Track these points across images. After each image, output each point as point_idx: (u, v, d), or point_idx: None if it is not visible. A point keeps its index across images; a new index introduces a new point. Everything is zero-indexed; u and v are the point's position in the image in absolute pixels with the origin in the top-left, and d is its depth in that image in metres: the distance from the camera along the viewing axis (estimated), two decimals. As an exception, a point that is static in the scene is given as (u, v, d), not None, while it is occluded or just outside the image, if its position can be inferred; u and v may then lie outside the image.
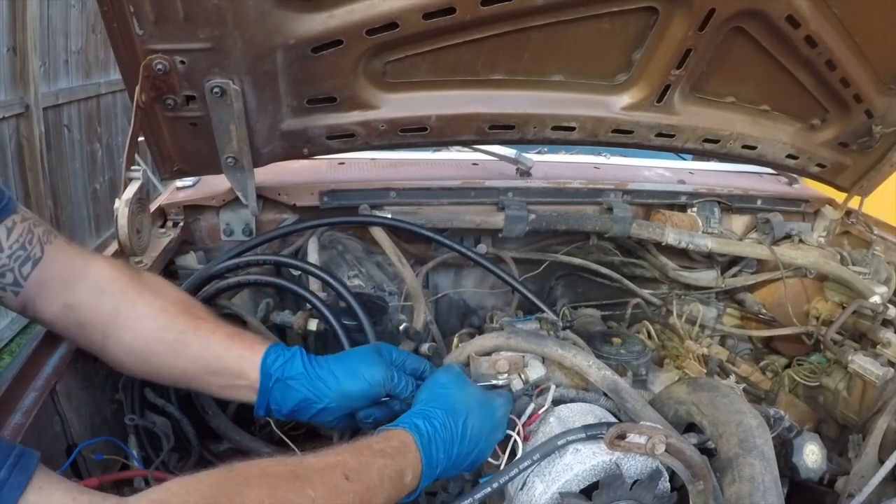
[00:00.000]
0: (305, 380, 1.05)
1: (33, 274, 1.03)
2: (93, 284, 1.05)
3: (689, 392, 1.09)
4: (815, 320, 1.90)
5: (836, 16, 1.44)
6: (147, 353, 1.05)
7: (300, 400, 1.06)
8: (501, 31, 1.37)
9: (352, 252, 1.75)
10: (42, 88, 4.49)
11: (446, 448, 0.97)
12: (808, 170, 1.94)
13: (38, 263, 1.03)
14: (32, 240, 1.03)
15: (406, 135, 1.55)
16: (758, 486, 0.91)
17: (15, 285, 1.02)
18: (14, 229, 1.01)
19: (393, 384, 1.08)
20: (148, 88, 1.24)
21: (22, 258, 1.01)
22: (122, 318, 1.04)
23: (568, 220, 1.80)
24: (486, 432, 1.01)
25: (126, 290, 1.06)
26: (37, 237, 1.04)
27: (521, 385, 1.13)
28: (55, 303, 1.04)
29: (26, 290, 1.03)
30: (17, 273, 1.01)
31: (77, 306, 1.04)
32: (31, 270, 1.02)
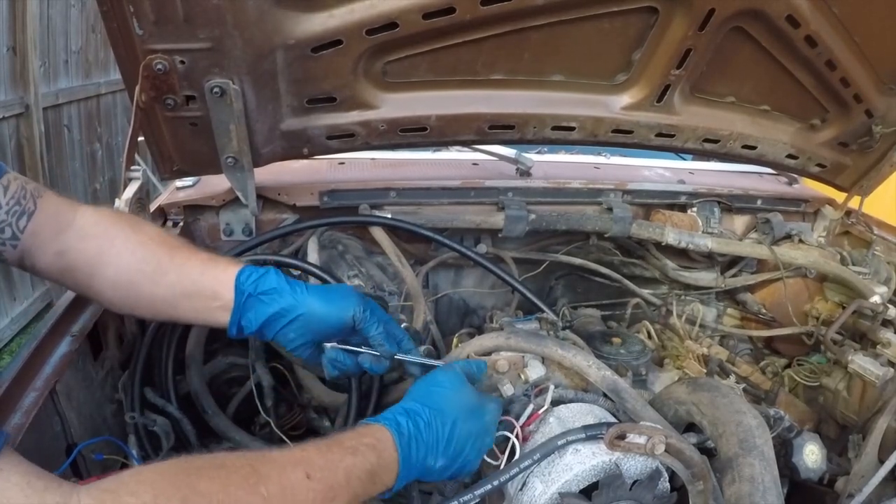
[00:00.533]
0: (276, 294, 1.07)
1: (28, 226, 1.07)
2: (78, 230, 1.10)
3: (689, 392, 1.09)
4: (815, 320, 1.90)
5: (836, 16, 1.44)
6: (128, 285, 1.09)
7: (270, 314, 1.07)
8: (501, 31, 1.37)
9: (352, 252, 1.75)
10: (42, 88, 4.49)
11: (428, 449, 0.95)
12: (808, 170, 1.94)
13: (32, 216, 1.07)
14: (26, 195, 1.07)
15: (406, 135, 1.55)
16: (758, 486, 0.91)
17: (13, 239, 1.06)
18: (9, 187, 1.05)
19: (363, 317, 1.09)
20: (148, 88, 1.24)
21: (18, 212, 1.06)
22: (104, 256, 1.08)
23: (568, 220, 1.80)
24: (474, 437, 1.00)
25: (108, 230, 1.11)
26: (29, 192, 1.08)
27: (511, 390, 1.13)
28: (48, 252, 1.08)
29: (23, 242, 1.07)
30: (14, 227, 1.06)
31: (65, 251, 1.08)
32: (26, 223, 1.07)
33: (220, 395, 1.44)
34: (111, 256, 1.09)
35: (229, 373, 1.52)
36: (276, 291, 1.07)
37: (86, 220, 1.11)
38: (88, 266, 1.09)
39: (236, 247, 1.55)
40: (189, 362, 1.42)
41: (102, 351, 1.31)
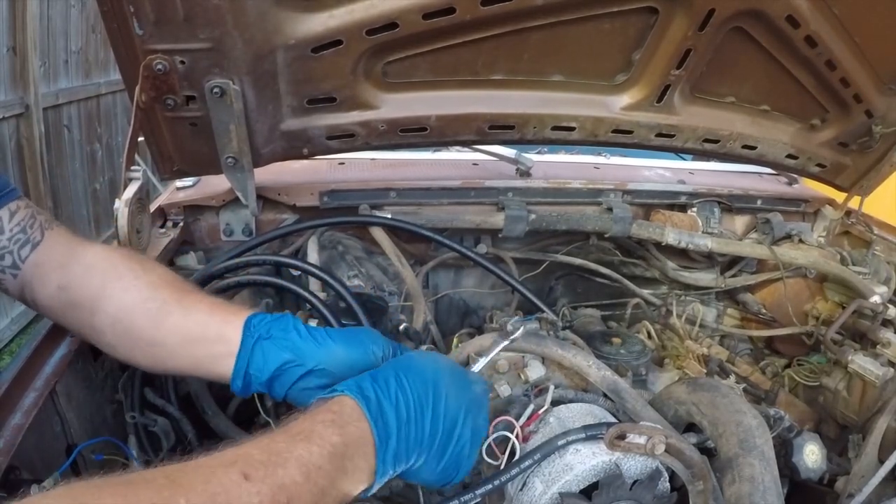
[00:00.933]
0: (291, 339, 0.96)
1: (31, 257, 1.03)
2: (85, 264, 1.04)
3: (689, 392, 1.09)
4: (815, 320, 1.90)
5: (836, 16, 1.44)
6: (129, 325, 1.01)
7: (284, 361, 0.95)
8: (501, 31, 1.37)
9: (352, 252, 1.75)
10: (42, 88, 4.49)
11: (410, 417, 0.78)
12: (808, 170, 1.94)
13: (37, 246, 1.03)
14: (34, 224, 1.03)
15: (406, 135, 1.55)
16: (758, 486, 0.91)
17: (13, 268, 1.02)
18: (17, 213, 1.02)
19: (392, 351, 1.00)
20: (148, 88, 1.24)
21: (21, 241, 1.02)
22: (107, 290, 1.01)
23: (568, 220, 1.80)
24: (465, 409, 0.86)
25: (117, 265, 1.04)
26: (38, 223, 1.04)
27: (508, 391, 1.13)
28: (49, 285, 1.03)
29: (24, 272, 1.03)
30: (15, 255, 1.02)
31: (68, 286, 1.03)
32: (29, 253, 1.03)
33: (220, 396, 1.44)
34: (115, 291, 1.01)
35: (229, 373, 1.52)
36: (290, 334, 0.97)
37: (94, 256, 1.05)
38: (90, 301, 1.02)
39: (236, 247, 1.55)
40: (189, 362, 1.41)
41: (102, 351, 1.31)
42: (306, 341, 0.96)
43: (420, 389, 0.83)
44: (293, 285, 1.45)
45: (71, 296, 1.03)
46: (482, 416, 0.92)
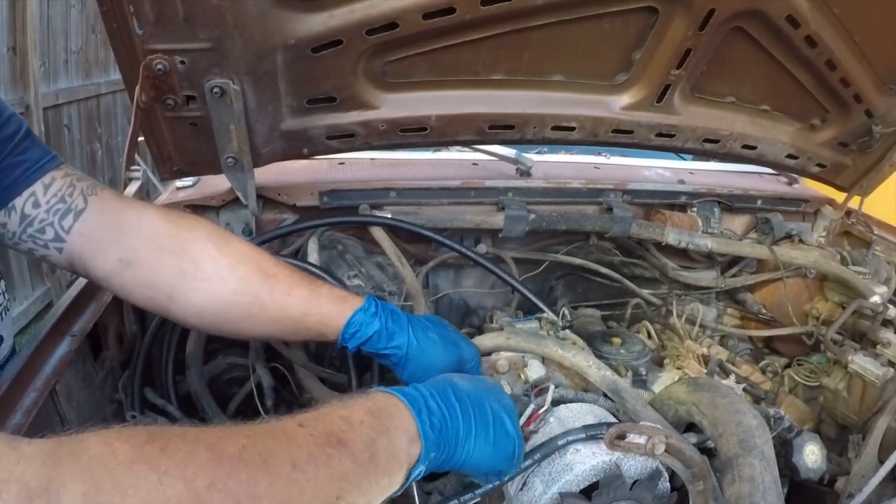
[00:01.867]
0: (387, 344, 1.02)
1: (76, 226, 0.97)
2: (149, 239, 0.99)
3: (689, 392, 1.09)
4: (815, 320, 1.90)
5: (836, 16, 1.44)
6: (220, 315, 1.00)
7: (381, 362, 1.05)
8: (501, 31, 1.37)
9: (352, 252, 1.75)
10: (42, 88, 4.49)
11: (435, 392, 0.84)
12: (808, 170, 1.94)
13: (80, 215, 0.98)
14: (73, 192, 0.98)
15: (406, 135, 1.55)
16: (758, 486, 0.91)
17: (56, 240, 0.97)
18: (52, 185, 0.97)
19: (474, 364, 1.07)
20: (148, 88, 1.24)
21: (62, 211, 0.97)
22: (189, 280, 0.98)
23: (568, 220, 1.80)
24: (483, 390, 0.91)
25: (187, 246, 1.00)
26: (79, 190, 0.99)
27: (509, 390, 1.13)
28: (107, 258, 0.98)
29: (70, 244, 0.98)
30: (57, 227, 0.96)
31: (135, 263, 0.98)
32: (73, 223, 0.97)
33: (220, 396, 1.44)
34: (198, 282, 0.98)
35: (229, 373, 1.53)
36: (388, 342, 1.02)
37: (156, 228, 1.00)
38: (167, 286, 0.99)
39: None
40: (189, 362, 1.42)
41: (102, 351, 1.31)
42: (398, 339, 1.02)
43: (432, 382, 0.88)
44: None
45: (139, 274, 0.99)
46: (505, 397, 0.95)
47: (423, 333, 1.04)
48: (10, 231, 0.98)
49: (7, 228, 0.97)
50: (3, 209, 0.96)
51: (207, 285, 0.99)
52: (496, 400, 0.91)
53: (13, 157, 0.95)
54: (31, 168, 0.97)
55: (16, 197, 0.96)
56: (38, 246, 0.98)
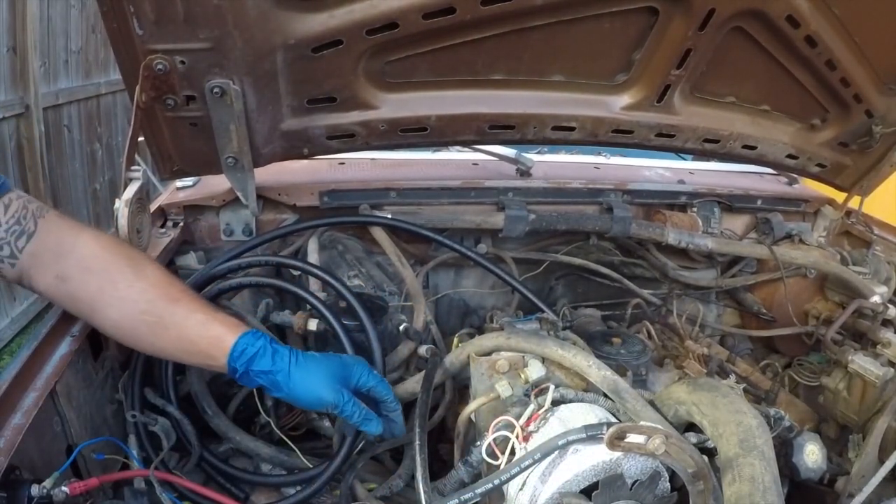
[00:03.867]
0: (265, 377, 1.13)
1: (28, 247, 1.09)
2: (80, 260, 1.12)
3: (689, 392, 1.09)
4: (815, 320, 1.90)
5: (836, 16, 1.44)
6: (131, 331, 1.14)
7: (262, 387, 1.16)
8: (501, 31, 1.37)
9: (352, 252, 1.75)
10: (42, 88, 4.48)
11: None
12: (808, 170, 1.94)
13: (32, 237, 1.10)
14: (27, 215, 1.10)
15: (406, 135, 1.55)
16: (758, 486, 0.91)
17: (11, 258, 1.09)
18: (10, 206, 1.08)
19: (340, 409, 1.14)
20: (148, 88, 1.24)
21: (17, 232, 1.08)
22: (106, 297, 1.12)
23: (568, 220, 1.80)
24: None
25: (109, 268, 1.14)
26: (31, 212, 1.11)
27: (509, 391, 1.13)
28: (48, 274, 1.11)
29: (22, 261, 1.09)
30: (13, 246, 1.08)
31: (67, 279, 1.11)
32: (25, 243, 1.09)
33: (220, 396, 1.44)
34: (113, 299, 1.12)
35: (229, 373, 1.52)
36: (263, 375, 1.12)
37: (87, 250, 1.13)
38: (90, 300, 1.12)
39: (237, 246, 1.55)
40: (189, 362, 1.41)
41: (102, 351, 1.31)
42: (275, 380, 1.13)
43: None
44: (292, 286, 1.45)
45: (70, 289, 1.12)
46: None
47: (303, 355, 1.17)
48: None
49: None
50: None
51: (121, 303, 1.12)
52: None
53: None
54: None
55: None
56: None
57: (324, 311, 1.37)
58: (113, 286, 1.12)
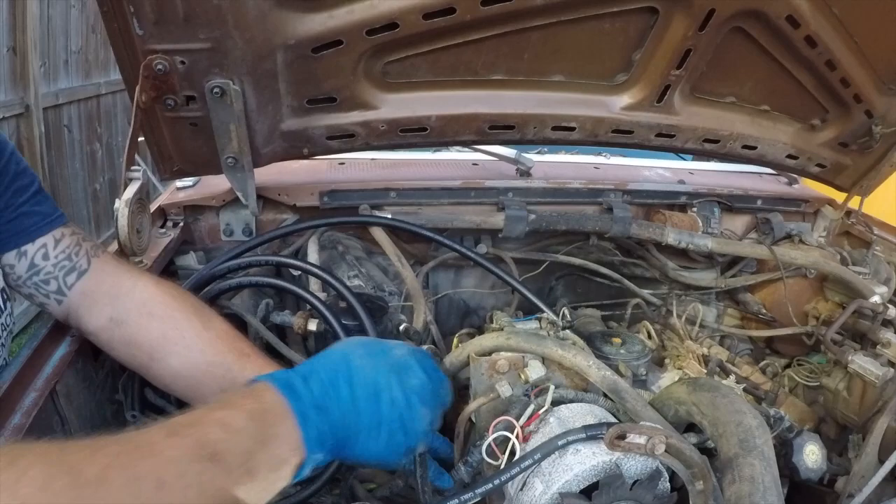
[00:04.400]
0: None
1: (78, 284, 1.07)
2: (140, 304, 1.07)
3: (689, 392, 1.09)
4: (815, 320, 1.89)
5: (836, 16, 1.44)
6: (194, 382, 1.06)
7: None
8: (501, 31, 1.37)
9: (352, 252, 1.75)
10: (42, 88, 4.49)
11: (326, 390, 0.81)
12: (808, 170, 1.94)
13: (83, 275, 1.07)
14: (79, 252, 1.08)
15: (406, 135, 1.55)
16: (758, 486, 0.91)
17: (59, 293, 1.06)
18: (61, 241, 1.06)
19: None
20: (148, 88, 1.24)
21: (67, 268, 1.06)
22: (170, 344, 1.06)
23: (568, 220, 1.80)
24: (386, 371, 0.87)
25: (174, 315, 1.08)
26: (84, 250, 1.08)
27: (509, 390, 1.13)
28: (100, 316, 1.07)
29: (71, 299, 1.07)
30: (60, 282, 1.06)
31: (123, 323, 1.07)
32: (75, 281, 1.07)
33: (220, 396, 1.44)
34: (179, 347, 1.05)
35: (229, 373, 1.52)
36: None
37: (146, 294, 1.09)
38: (150, 347, 1.06)
39: (237, 247, 1.55)
40: (189, 362, 1.41)
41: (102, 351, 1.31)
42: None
43: (330, 365, 0.84)
44: (293, 286, 1.45)
45: (126, 333, 1.07)
46: (414, 375, 0.91)
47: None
48: (16, 273, 1.06)
49: (14, 270, 1.06)
50: (15, 251, 1.04)
51: (187, 352, 1.05)
52: (398, 381, 0.87)
53: (29, 206, 1.04)
54: (45, 220, 1.06)
55: (27, 244, 1.05)
56: (40, 294, 1.07)
57: (324, 311, 1.37)
58: (178, 333, 1.06)
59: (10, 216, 1.03)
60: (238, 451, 0.68)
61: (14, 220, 1.03)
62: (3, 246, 1.04)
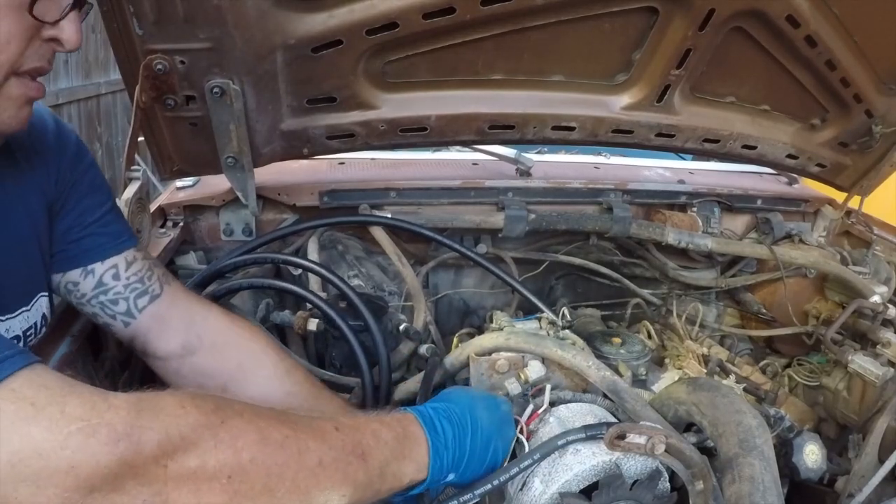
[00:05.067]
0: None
1: (150, 308, 1.06)
2: (214, 333, 1.10)
3: (689, 392, 1.09)
4: (815, 320, 1.89)
5: (836, 16, 1.44)
6: None
7: None
8: (501, 31, 1.37)
9: (352, 252, 1.75)
10: (42, 88, 4.48)
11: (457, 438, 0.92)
12: (808, 170, 1.94)
13: (156, 299, 1.07)
14: (152, 277, 1.07)
15: (406, 135, 1.55)
16: (758, 486, 0.91)
17: (127, 315, 1.06)
18: (133, 263, 1.06)
19: None
20: (148, 88, 1.24)
21: (139, 290, 1.06)
22: (248, 374, 1.08)
23: (568, 219, 1.80)
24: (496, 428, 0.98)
25: (251, 345, 1.11)
26: (157, 276, 1.09)
27: (518, 388, 1.13)
28: (172, 342, 1.08)
29: (140, 322, 1.07)
30: (131, 304, 1.05)
31: (196, 351, 1.08)
32: (147, 304, 1.06)
33: (220, 395, 1.44)
34: (257, 377, 1.08)
35: (229, 373, 1.52)
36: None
37: (223, 324, 1.11)
38: (225, 377, 1.08)
39: (237, 248, 1.55)
40: (189, 362, 1.41)
41: (102, 351, 1.31)
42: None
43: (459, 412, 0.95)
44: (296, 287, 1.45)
45: (199, 362, 1.09)
46: (511, 430, 1.03)
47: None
48: (80, 291, 1.05)
49: (78, 288, 1.04)
50: (80, 269, 1.03)
51: (266, 382, 1.08)
52: (502, 436, 0.99)
53: (97, 226, 1.04)
54: (115, 241, 1.06)
55: (96, 262, 1.04)
56: (106, 314, 1.06)
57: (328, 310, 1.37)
58: (257, 364, 1.09)
59: (76, 235, 1.02)
60: (380, 457, 0.84)
61: (80, 239, 1.03)
62: (67, 264, 1.03)
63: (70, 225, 1.02)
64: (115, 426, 0.64)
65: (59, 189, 1.00)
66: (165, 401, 0.70)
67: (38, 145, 0.97)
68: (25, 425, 0.61)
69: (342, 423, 0.84)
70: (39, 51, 0.81)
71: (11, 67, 0.78)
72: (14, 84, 0.80)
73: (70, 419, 0.62)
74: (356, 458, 0.81)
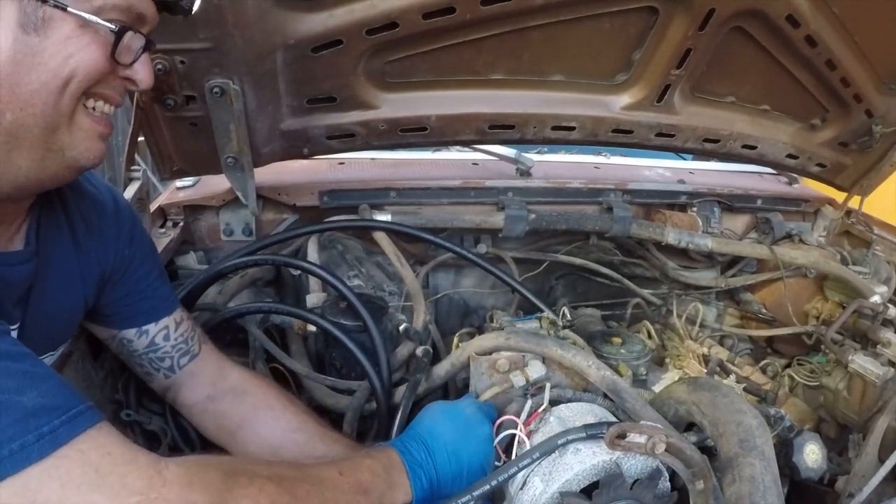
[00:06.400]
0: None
1: (189, 366, 1.19)
2: (234, 384, 1.22)
3: (689, 392, 1.09)
4: (816, 320, 1.90)
5: (836, 16, 1.44)
6: (277, 447, 1.17)
7: None
8: (501, 30, 1.37)
9: (351, 252, 1.75)
10: (42, 88, 4.49)
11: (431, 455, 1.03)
12: (808, 170, 1.94)
13: (195, 358, 1.20)
14: (194, 337, 1.21)
15: (406, 135, 1.55)
16: (758, 485, 0.91)
17: (170, 370, 1.18)
18: (181, 324, 1.18)
19: None
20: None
21: (183, 351, 1.18)
22: (259, 415, 1.20)
23: (568, 219, 1.80)
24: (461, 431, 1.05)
25: (266, 392, 1.23)
26: (197, 336, 1.22)
27: (522, 381, 1.13)
28: (199, 393, 1.21)
29: (178, 377, 1.19)
30: (175, 361, 1.18)
31: (219, 398, 1.21)
32: (187, 362, 1.19)
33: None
34: (267, 417, 1.19)
35: (229, 373, 1.52)
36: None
37: (242, 377, 1.24)
38: (240, 417, 1.19)
39: (238, 250, 1.55)
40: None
41: (102, 351, 1.31)
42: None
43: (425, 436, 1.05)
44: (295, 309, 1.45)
45: (220, 406, 1.21)
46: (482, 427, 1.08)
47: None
48: (132, 347, 1.16)
49: (132, 345, 1.16)
50: (136, 329, 1.14)
51: (274, 422, 1.19)
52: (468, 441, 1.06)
53: (152, 289, 1.16)
54: (165, 303, 1.17)
55: (150, 324, 1.15)
56: (152, 368, 1.18)
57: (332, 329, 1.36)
58: (268, 405, 1.20)
59: (132, 300, 1.13)
60: (378, 490, 0.96)
61: (136, 303, 1.13)
62: (123, 324, 1.14)
63: (127, 292, 1.12)
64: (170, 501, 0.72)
65: (117, 262, 1.09)
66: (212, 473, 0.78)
67: (99, 220, 1.06)
68: (89, 492, 0.68)
69: (343, 467, 0.95)
70: (112, 83, 0.86)
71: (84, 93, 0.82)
72: (83, 117, 0.84)
73: (130, 492, 0.70)
74: (361, 495, 0.93)
